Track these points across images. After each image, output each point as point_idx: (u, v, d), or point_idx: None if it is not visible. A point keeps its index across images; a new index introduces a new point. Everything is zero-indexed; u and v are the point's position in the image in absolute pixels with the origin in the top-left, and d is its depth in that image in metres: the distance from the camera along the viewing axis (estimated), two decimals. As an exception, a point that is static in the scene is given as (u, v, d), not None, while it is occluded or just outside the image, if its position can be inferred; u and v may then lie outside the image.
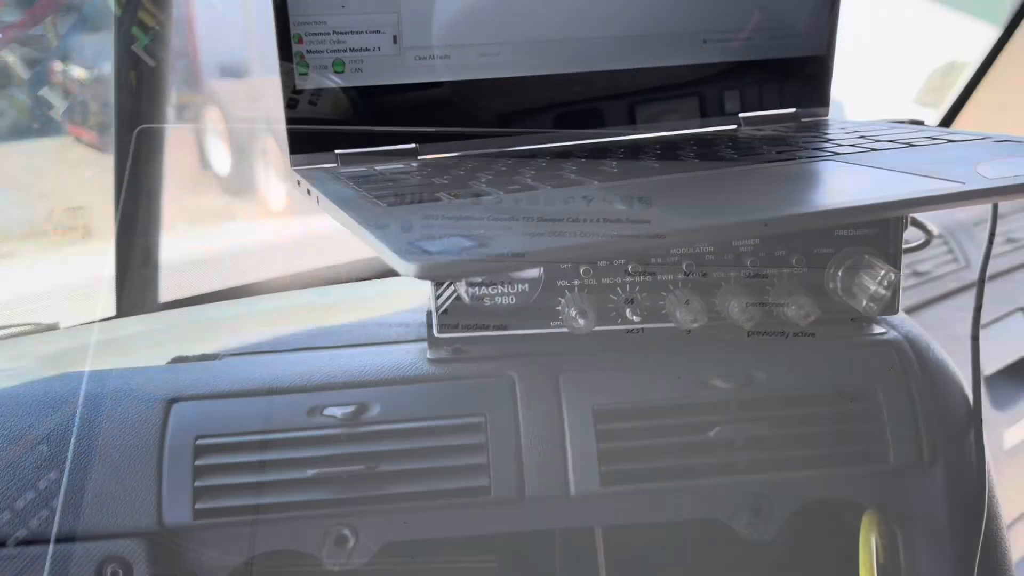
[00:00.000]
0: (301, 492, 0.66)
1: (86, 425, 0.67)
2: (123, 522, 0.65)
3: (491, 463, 0.67)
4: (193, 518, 0.65)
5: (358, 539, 0.69)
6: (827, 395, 0.68)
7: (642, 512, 0.70)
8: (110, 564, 0.65)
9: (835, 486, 0.71)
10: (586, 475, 0.67)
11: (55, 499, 0.65)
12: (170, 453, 0.66)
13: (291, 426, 0.67)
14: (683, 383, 0.68)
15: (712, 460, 0.68)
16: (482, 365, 0.70)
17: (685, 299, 0.63)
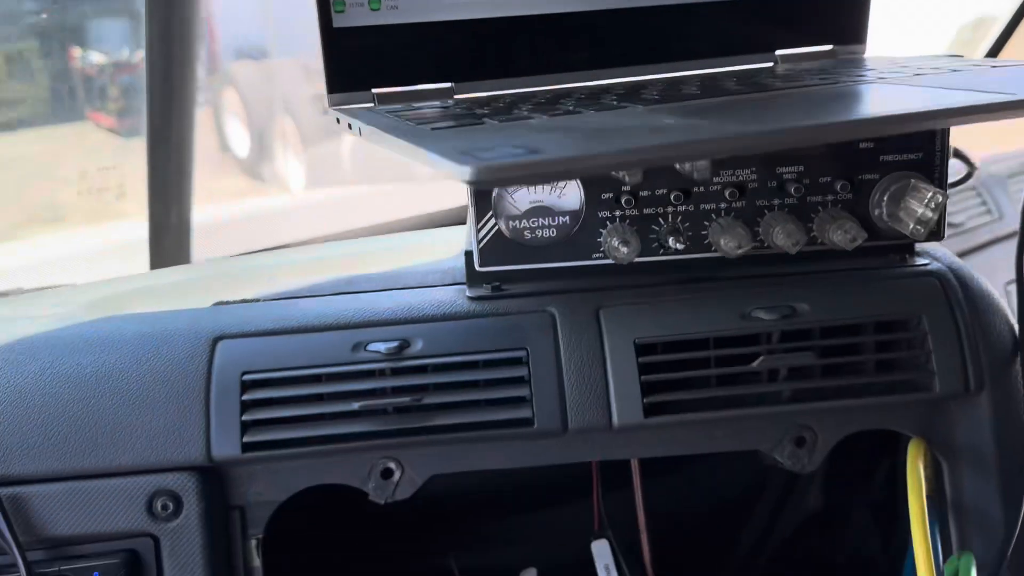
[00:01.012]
0: (347, 425, 0.67)
1: (133, 363, 0.68)
2: (172, 456, 0.66)
3: (533, 396, 0.67)
4: (241, 451, 0.66)
5: (403, 472, 0.70)
6: (871, 324, 0.68)
7: (684, 443, 0.70)
8: (160, 497, 0.66)
9: (879, 416, 0.70)
10: (629, 407, 0.67)
11: (104, 435, 0.66)
12: (217, 389, 0.67)
13: (335, 361, 0.68)
14: (726, 314, 0.68)
15: (755, 391, 0.68)
16: (522, 302, 0.70)
17: (729, 226, 0.62)
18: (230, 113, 3.65)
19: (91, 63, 2.05)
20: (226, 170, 3.38)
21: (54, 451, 0.66)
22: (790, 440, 0.70)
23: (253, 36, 3.77)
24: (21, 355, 0.69)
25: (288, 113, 3.83)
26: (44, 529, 0.65)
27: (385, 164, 3.39)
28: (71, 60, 2.02)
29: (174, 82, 1.06)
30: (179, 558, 0.66)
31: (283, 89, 3.87)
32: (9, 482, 0.65)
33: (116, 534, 0.66)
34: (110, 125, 2.04)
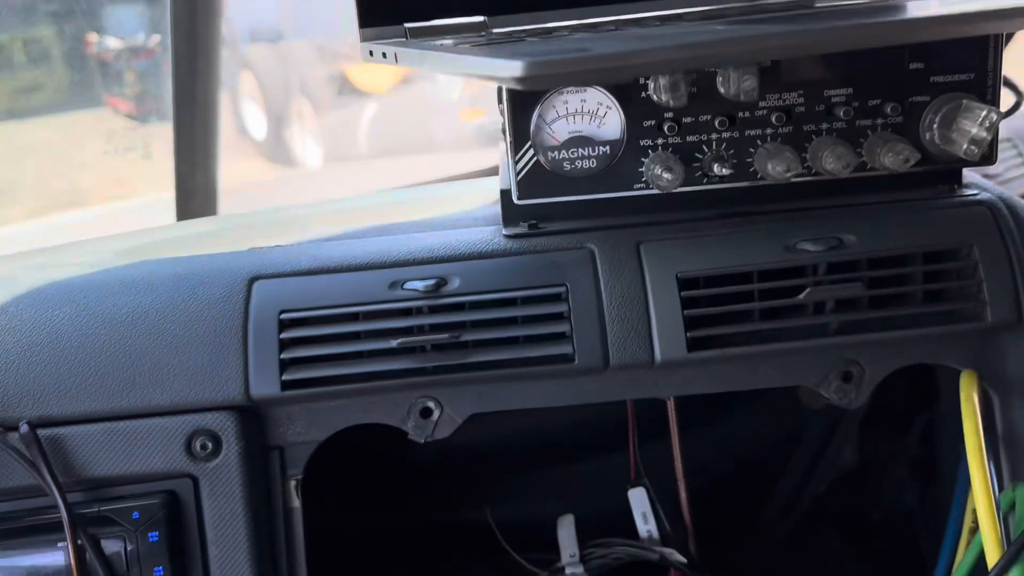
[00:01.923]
0: (385, 362, 0.66)
1: (168, 303, 0.67)
2: (211, 395, 0.66)
3: (574, 332, 0.66)
4: (280, 389, 0.65)
5: (442, 411, 0.69)
6: (920, 254, 0.66)
7: (727, 380, 0.69)
8: (199, 437, 0.66)
9: (928, 349, 0.69)
10: (671, 342, 0.65)
11: (141, 375, 0.66)
12: (254, 328, 0.66)
13: (372, 300, 0.67)
14: (770, 247, 0.66)
15: (801, 323, 0.66)
16: (560, 239, 0.69)
17: (776, 151, 0.61)
18: (247, 96, 3.64)
19: (108, 48, 2.04)
20: (244, 153, 3.37)
21: (91, 392, 0.65)
22: (836, 375, 0.68)
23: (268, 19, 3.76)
24: (56, 298, 0.68)
25: (305, 94, 3.82)
26: (83, 470, 0.65)
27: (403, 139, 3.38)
28: (88, 46, 2.01)
29: (199, 38, 1.05)
30: (218, 498, 0.65)
31: (299, 71, 3.86)
32: (47, 423, 0.65)
33: (155, 474, 0.66)
34: (129, 110, 2.03)
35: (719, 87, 0.60)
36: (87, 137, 2.00)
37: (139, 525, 0.65)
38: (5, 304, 0.68)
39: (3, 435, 0.64)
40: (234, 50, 3.29)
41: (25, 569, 0.65)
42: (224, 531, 0.65)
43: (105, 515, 0.65)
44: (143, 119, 1.96)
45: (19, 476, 0.64)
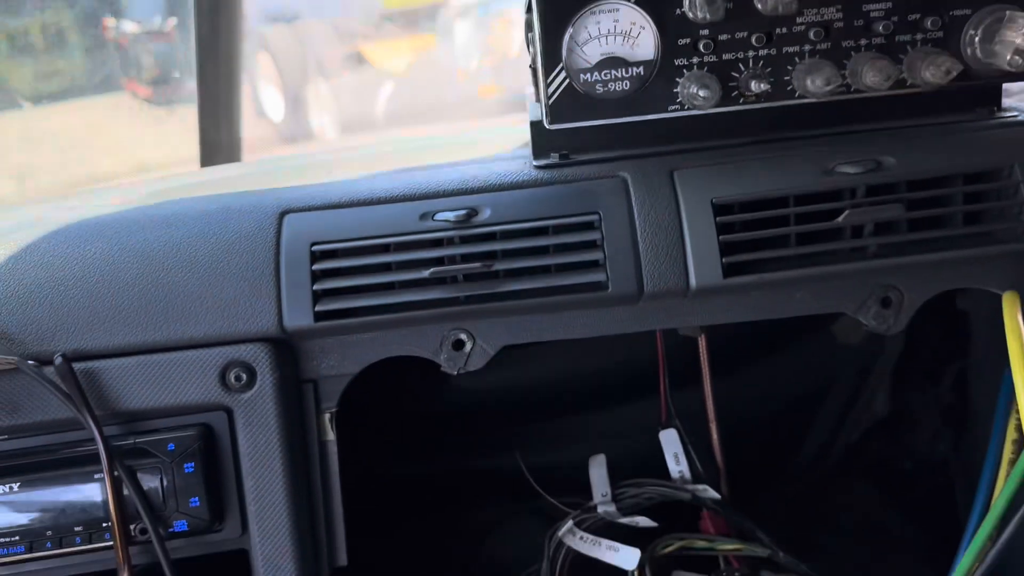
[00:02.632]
0: (417, 292, 0.65)
1: (200, 237, 0.67)
2: (245, 327, 0.65)
3: (607, 260, 0.65)
4: (314, 320, 0.65)
5: (475, 343, 0.68)
6: (960, 176, 0.65)
7: (763, 307, 0.68)
8: (233, 369, 0.66)
9: (968, 273, 0.67)
10: (707, 268, 0.65)
11: (175, 307, 0.66)
12: (287, 260, 0.66)
13: (403, 231, 0.66)
14: (807, 171, 0.65)
15: (839, 247, 0.65)
16: (592, 168, 0.68)
17: (815, 65, 0.59)
18: (264, 78, 3.64)
19: (125, 32, 2.04)
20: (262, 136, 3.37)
21: (124, 324, 0.65)
22: (875, 300, 0.67)
23: (284, 0, 3.75)
24: (88, 233, 0.68)
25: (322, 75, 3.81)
26: (118, 403, 0.65)
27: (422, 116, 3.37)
28: (105, 30, 2.01)
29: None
30: (253, 429, 0.65)
31: (316, 51, 3.86)
32: (82, 357, 0.65)
33: (190, 407, 0.66)
34: (147, 95, 2.03)
35: (756, 3, 0.59)
36: (106, 122, 2.00)
37: (175, 457, 0.65)
38: (37, 241, 0.68)
39: (38, 369, 0.64)
40: (251, 32, 3.28)
41: (63, 501, 0.65)
42: (259, 462, 0.65)
43: (141, 447, 0.65)
44: (161, 103, 1.96)
45: (55, 409, 0.65)
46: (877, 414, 1.12)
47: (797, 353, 1.07)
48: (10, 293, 0.65)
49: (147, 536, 0.65)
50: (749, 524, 0.83)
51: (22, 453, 0.66)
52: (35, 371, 0.63)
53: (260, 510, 0.66)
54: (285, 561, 0.65)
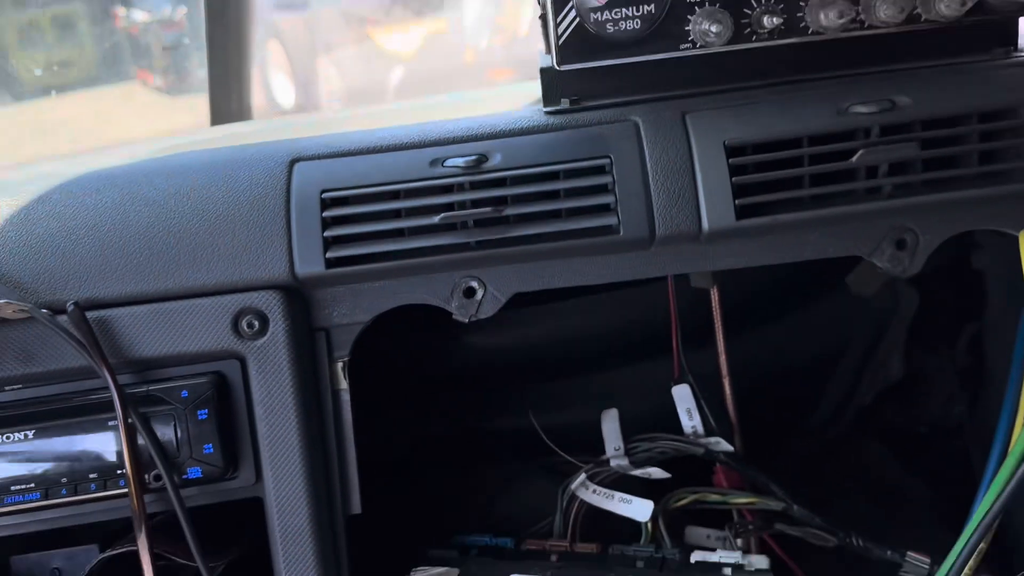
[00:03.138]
0: (428, 238, 0.65)
1: (210, 184, 0.67)
2: (256, 274, 0.65)
3: (619, 203, 0.65)
4: (325, 267, 0.65)
5: (486, 290, 0.68)
6: (975, 114, 0.64)
7: (776, 250, 0.67)
8: (246, 316, 0.66)
9: (983, 214, 0.66)
10: (719, 210, 0.64)
11: (186, 254, 0.66)
12: (297, 207, 0.66)
13: (413, 177, 0.66)
14: (821, 111, 0.64)
15: (854, 187, 0.64)
16: (602, 113, 0.68)
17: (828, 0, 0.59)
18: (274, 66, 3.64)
19: (135, 21, 2.05)
20: (273, 124, 3.36)
21: (136, 272, 0.65)
22: (890, 243, 0.66)
23: (292, -14, 3.75)
24: (98, 183, 0.68)
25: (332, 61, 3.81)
26: (131, 351, 0.65)
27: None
28: (116, 20, 2.02)
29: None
30: (266, 376, 0.65)
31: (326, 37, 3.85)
32: (94, 306, 0.65)
33: (203, 354, 0.66)
34: (158, 84, 2.03)
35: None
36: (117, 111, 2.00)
37: (188, 404, 0.65)
38: (48, 192, 0.68)
39: (52, 318, 0.64)
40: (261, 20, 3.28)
41: (77, 448, 0.65)
42: (273, 409, 0.65)
43: (154, 395, 0.66)
44: (172, 92, 1.96)
45: (69, 357, 0.65)
46: (891, 377, 1.11)
47: (810, 314, 1.07)
48: (22, 243, 0.66)
49: (161, 483, 0.65)
50: (763, 478, 0.82)
51: (36, 401, 0.66)
52: (48, 319, 0.64)
53: (274, 457, 0.66)
54: (299, 508, 0.66)
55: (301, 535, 0.65)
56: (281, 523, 0.65)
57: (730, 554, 0.72)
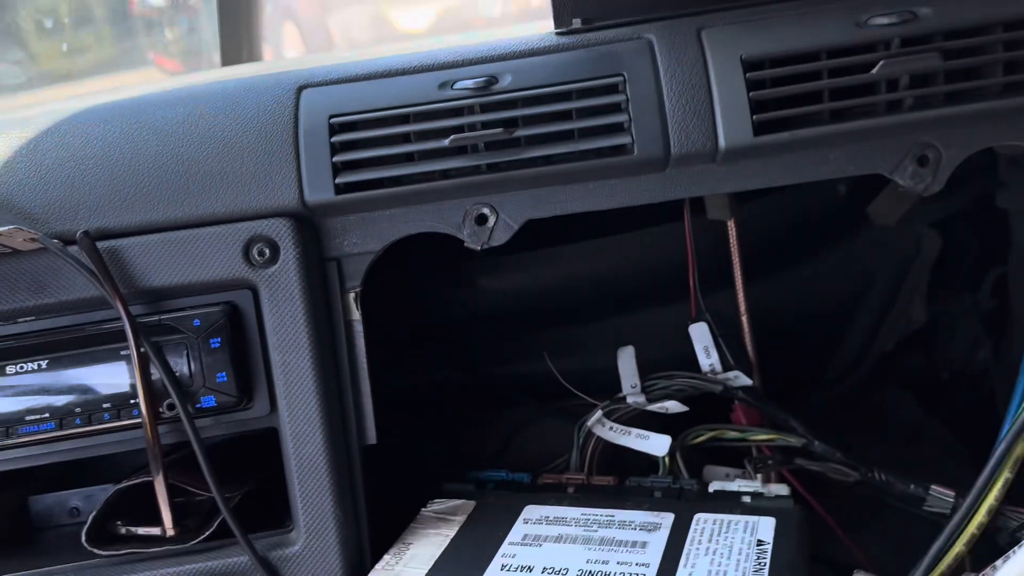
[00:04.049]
0: (438, 162, 0.64)
1: (219, 112, 0.66)
2: (266, 202, 0.65)
3: (633, 122, 0.63)
4: (335, 193, 0.64)
5: (498, 217, 0.67)
6: (999, 24, 0.62)
7: (794, 170, 0.66)
8: (256, 244, 0.65)
9: (1007, 128, 0.64)
10: (737, 126, 0.63)
11: (195, 183, 0.65)
12: (305, 132, 0.65)
13: (423, 100, 0.65)
14: (840, 23, 0.62)
15: (874, 100, 0.62)
16: (615, 32, 0.66)
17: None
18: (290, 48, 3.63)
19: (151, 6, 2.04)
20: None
21: (146, 201, 0.65)
22: (912, 159, 0.65)
23: (305, -35, 3.73)
24: (107, 114, 0.68)
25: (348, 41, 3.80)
26: (143, 281, 0.65)
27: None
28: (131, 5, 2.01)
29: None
30: (278, 304, 0.65)
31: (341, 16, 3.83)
32: (105, 236, 0.65)
33: (215, 283, 0.65)
34: (175, 68, 2.03)
35: None
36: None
37: (200, 333, 0.65)
38: (56, 124, 0.68)
39: (62, 247, 0.63)
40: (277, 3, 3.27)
41: (91, 379, 0.65)
42: (285, 337, 0.65)
43: (166, 324, 0.65)
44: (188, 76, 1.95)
45: (80, 288, 0.65)
46: (913, 322, 1.09)
47: (829, 259, 1.05)
48: (31, 174, 0.65)
49: (175, 412, 0.64)
50: (782, 414, 0.81)
51: (49, 332, 0.66)
52: (59, 248, 0.63)
53: (288, 386, 0.65)
54: (314, 437, 0.65)
55: (316, 464, 0.65)
56: (296, 452, 0.65)
57: (749, 483, 0.71)
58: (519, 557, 0.63)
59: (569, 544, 0.64)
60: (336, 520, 0.65)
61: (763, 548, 0.61)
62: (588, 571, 0.61)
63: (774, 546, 0.61)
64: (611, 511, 0.68)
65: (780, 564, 0.59)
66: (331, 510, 0.65)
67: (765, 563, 0.59)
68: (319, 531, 0.65)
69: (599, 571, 0.60)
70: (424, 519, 0.71)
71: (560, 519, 0.68)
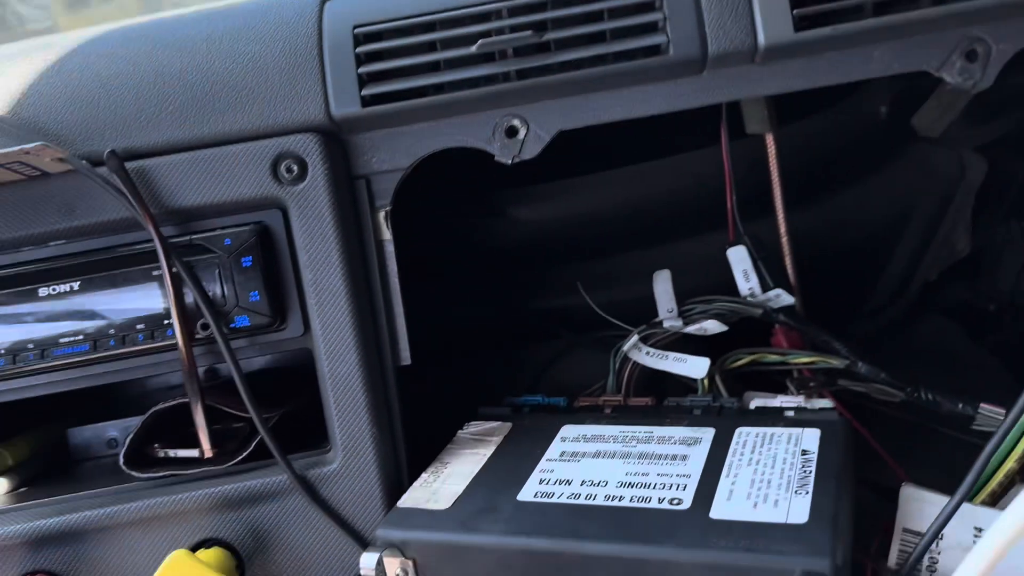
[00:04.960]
0: (466, 70, 0.63)
1: (242, 27, 0.65)
2: (293, 116, 0.64)
3: (667, 20, 0.61)
4: (361, 106, 0.63)
5: (528, 129, 0.65)
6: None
7: (837, 69, 0.63)
8: (284, 160, 0.64)
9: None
10: (777, 21, 0.60)
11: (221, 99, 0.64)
12: (329, 44, 0.63)
13: (449, 6, 0.63)
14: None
15: (921, -11, 0.60)
16: None
17: None
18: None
19: None
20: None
21: (173, 119, 0.64)
22: (960, 54, 0.62)
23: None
24: (131, 34, 0.67)
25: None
26: (172, 201, 0.64)
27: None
28: None
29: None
30: (308, 221, 0.64)
31: None
32: (132, 156, 0.64)
33: (244, 202, 0.65)
34: None
35: None
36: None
37: (231, 252, 0.64)
38: (80, 46, 0.67)
39: (90, 168, 0.63)
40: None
41: (123, 300, 0.65)
42: (316, 254, 0.64)
43: (197, 244, 0.65)
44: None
45: (110, 209, 0.64)
46: (958, 251, 1.06)
47: (870, 186, 1.02)
48: (56, 95, 0.65)
49: (209, 332, 0.64)
50: (825, 335, 0.79)
51: (80, 255, 0.66)
52: (87, 169, 0.63)
53: (321, 304, 0.64)
54: (348, 355, 0.64)
55: (351, 382, 0.64)
56: (331, 370, 0.64)
57: (791, 399, 0.69)
58: (557, 472, 0.62)
59: (607, 459, 0.63)
60: (373, 438, 0.64)
61: (808, 457, 0.59)
62: (628, 482, 0.59)
63: (819, 455, 0.59)
64: (650, 428, 0.67)
65: (826, 472, 0.57)
66: (368, 428, 0.64)
67: (811, 471, 0.57)
68: (356, 449, 0.64)
69: (639, 482, 0.59)
70: (461, 440, 0.70)
71: (598, 436, 0.67)
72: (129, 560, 0.65)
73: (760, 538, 0.51)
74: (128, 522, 0.64)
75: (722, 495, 0.56)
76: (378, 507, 0.64)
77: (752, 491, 0.56)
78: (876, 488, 0.73)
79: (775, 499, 0.55)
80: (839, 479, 0.56)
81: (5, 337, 0.64)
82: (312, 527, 0.65)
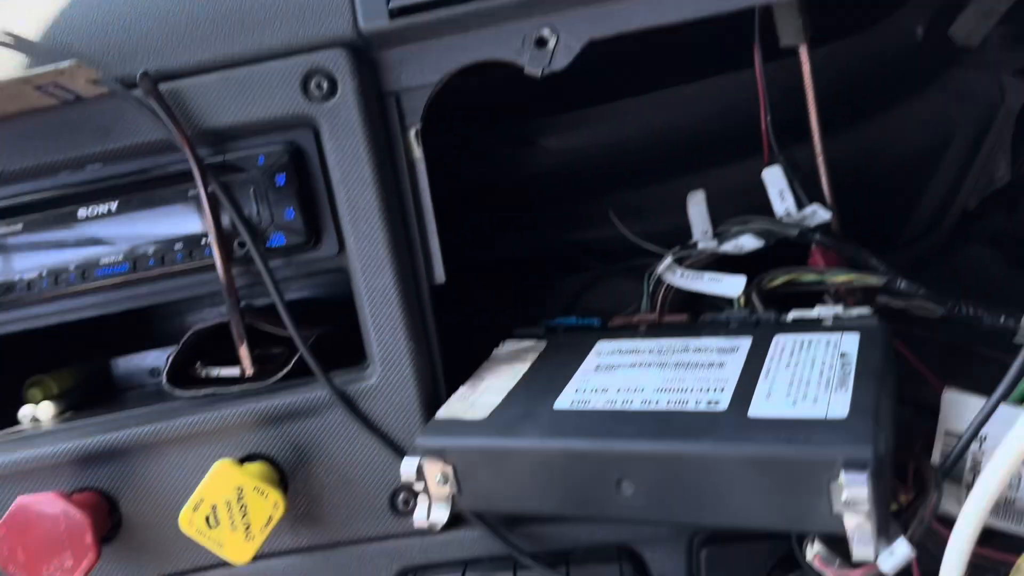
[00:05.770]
0: (495, -23, 0.62)
1: None
2: (321, 31, 0.64)
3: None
4: (389, 18, 0.63)
5: (559, 38, 0.65)
6: None
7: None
8: (315, 77, 0.64)
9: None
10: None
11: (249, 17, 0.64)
12: None
13: None
14: None
15: None
16: None
17: None
18: None
19: None
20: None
21: (202, 40, 0.64)
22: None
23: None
24: None
25: None
26: (204, 121, 0.65)
27: None
28: None
29: None
30: (340, 138, 0.64)
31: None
32: (163, 77, 0.64)
33: (275, 121, 0.65)
34: None
35: None
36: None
37: (265, 170, 0.65)
38: (110, -29, 0.67)
39: (124, 89, 0.63)
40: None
41: (161, 220, 0.66)
42: (349, 171, 0.64)
43: (230, 163, 0.65)
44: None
45: (144, 131, 0.65)
46: (998, 179, 1.03)
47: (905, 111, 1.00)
48: (86, 19, 0.65)
49: (246, 250, 0.65)
50: (863, 253, 0.78)
51: (116, 177, 0.66)
52: (121, 90, 0.63)
53: (355, 221, 0.65)
54: (384, 271, 0.65)
55: (388, 296, 0.65)
56: (367, 285, 0.65)
57: (830, 308, 0.68)
58: (593, 382, 0.62)
59: (643, 368, 0.63)
60: (410, 352, 0.65)
61: (847, 359, 0.58)
62: (664, 388, 0.59)
63: (859, 357, 0.58)
64: (686, 340, 0.66)
65: (866, 371, 0.56)
66: (405, 342, 0.65)
67: (850, 372, 0.57)
68: (394, 363, 0.65)
69: (676, 387, 0.59)
70: (497, 357, 0.70)
71: (634, 350, 0.67)
72: (174, 476, 0.66)
73: (800, 431, 0.51)
74: (172, 439, 0.66)
75: (760, 396, 0.56)
76: (416, 420, 0.65)
77: (791, 390, 0.56)
78: (918, 406, 0.72)
79: (814, 397, 0.54)
80: (880, 378, 0.56)
81: (47, 259, 0.65)
82: (352, 441, 0.65)
